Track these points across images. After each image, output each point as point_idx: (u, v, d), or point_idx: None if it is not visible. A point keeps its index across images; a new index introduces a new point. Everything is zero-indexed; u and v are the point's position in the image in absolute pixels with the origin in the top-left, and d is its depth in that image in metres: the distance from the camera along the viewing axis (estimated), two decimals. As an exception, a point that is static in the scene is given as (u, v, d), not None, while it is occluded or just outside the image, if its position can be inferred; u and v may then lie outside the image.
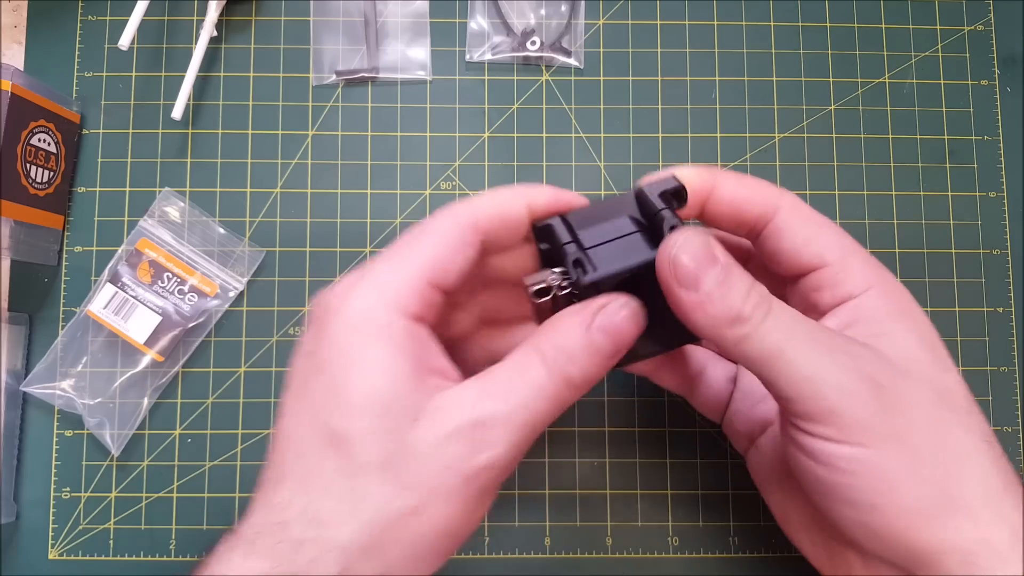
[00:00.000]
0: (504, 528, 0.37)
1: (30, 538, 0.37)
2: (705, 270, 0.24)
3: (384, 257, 0.24)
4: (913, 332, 0.25)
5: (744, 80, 0.40)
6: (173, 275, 0.37)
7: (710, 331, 0.24)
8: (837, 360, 0.23)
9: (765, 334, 0.23)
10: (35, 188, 0.36)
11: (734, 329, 0.24)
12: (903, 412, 0.23)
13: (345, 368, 0.23)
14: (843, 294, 0.26)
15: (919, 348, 0.25)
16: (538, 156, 0.39)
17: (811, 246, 0.27)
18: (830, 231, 0.27)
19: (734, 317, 0.24)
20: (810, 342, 0.24)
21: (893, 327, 0.25)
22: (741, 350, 0.24)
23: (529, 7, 0.40)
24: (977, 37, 0.41)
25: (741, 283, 0.24)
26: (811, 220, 0.28)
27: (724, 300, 0.24)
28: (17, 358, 0.37)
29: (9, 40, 0.40)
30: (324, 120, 0.39)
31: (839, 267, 0.26)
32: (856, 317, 0.26)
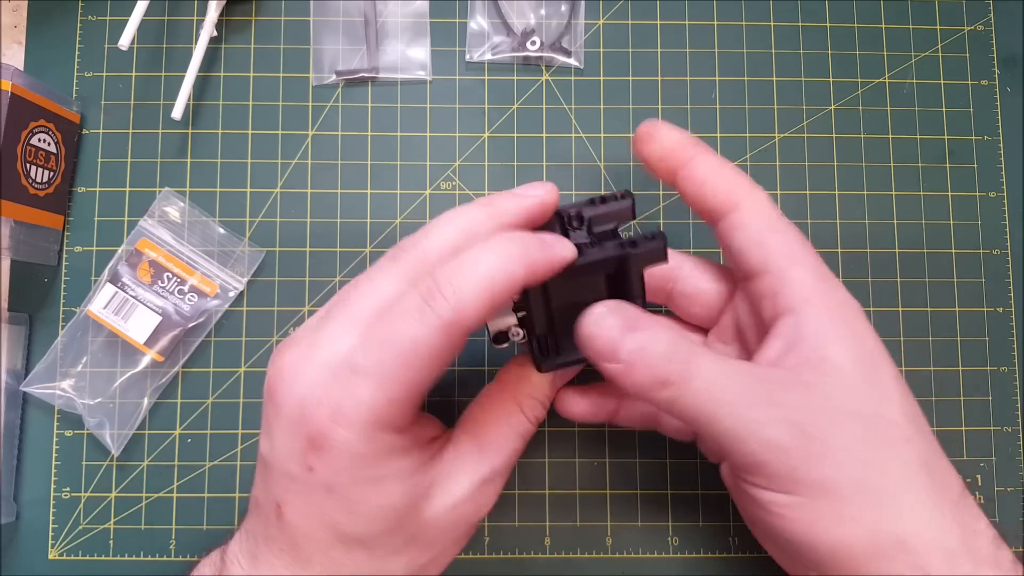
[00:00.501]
0: (504, 528, 0.37)
1: (30, 538, 0.37)
2: (620, 341, 0.25)
3: (362, 345, 0.24)
4: (851, 356, 0.25)
5: (744, 80, 0.40)
6: (173, 275, 0.37)
7: (640, 395, 0.25)
8: (763, 414, 0.24)
9: (691, 396, 0.24)
10: (35, 188, 0.36)
11: (661, 392, 0.25)
12: (830, 458, 0.24)
13: (354, 486, 0.24)
14: (782, 306, 0.26)
15: (856, 376, 0.25)
16: (538, 156, 0.39)
17: (758, 249, 0.27)
18: (782, 239, 0.27)
19: (658, 382, 0.25)
20: (736, 399, 0.24)
21: (832, 350, 0.25)
22: (672, 410, 0.25)
23: (529, 7, 0.40)
24: (977, 37, 0.41)
25: (659, 348, 0.25)
26: (766, 224, 0.27)
27: (645, 367, 0.25)
28: (17, 358, 0.37)
29: (9, 40, 0.40)
30: (324, 120, 0.39)
31: (779, 277, 0.26)
32: (796, 337, 0.26)
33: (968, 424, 0.38)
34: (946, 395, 0.38)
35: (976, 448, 0.38)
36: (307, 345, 0.25)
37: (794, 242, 0.27)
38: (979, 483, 0.38)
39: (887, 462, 0.24)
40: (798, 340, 0.26)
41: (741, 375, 0.25)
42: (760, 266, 0.27)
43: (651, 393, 0.25)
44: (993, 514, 0.38)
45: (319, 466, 0.23)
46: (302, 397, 0.24)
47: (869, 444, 0.24)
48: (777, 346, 0.26)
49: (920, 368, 0.39)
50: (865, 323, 0.26)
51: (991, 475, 0.38)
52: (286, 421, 0.24)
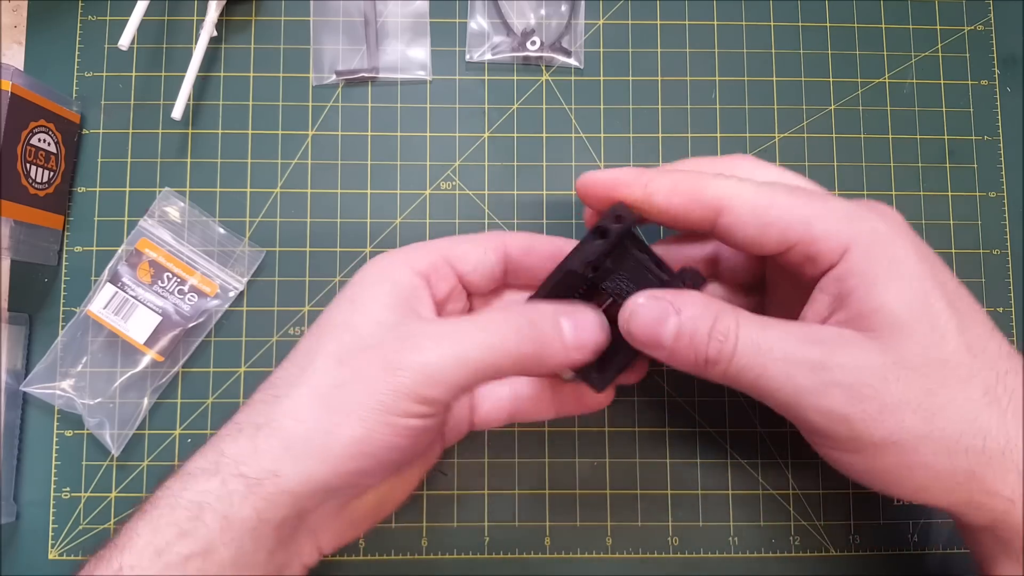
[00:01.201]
0: (504, 528, 0.37)
1: (30, 538, 0.37)
2: (658, 328, 0.26)
3: (427, 240, 0.31)
4: (902, 299, 0.24)
5: (744, 80, 0.40)
6: (173, 275, 0.37)
7: (693, 372, 0.26)
8: (815, 381, 0.24)
9: (739, 371, 0.25)
10: (35, 188, 0.36)
11: (710, 369, 0.26)
12: (889, 417, 0.24)
13: (350, 287, 0.29)
14: (824, 264, 0.26)
15: (910, 322, 0.24)
16: (538, 156, 0.39)
17: (767, 235, 0.26)
18: (781, 210, 0.26)
19: (704, 361, 0.26)
20: (786, 369, 0.25)
21: (883, 300, 0.24)
22: (728, 384, 0.26)
23: (529, 7, 0.40)
24: (977, 37, 0.41)
25: (699, 326, 0.26)
26: (757, 207, 0.26)
27: (689, 350, 0.26)
28: (17, 358, 0.37)
29: (9, 40, 0.40)
30: (324, 120, 0.39)
31: (807, 243, 0.26)
32: (842, 292, 0.25)
33: (968, 424, 0.38)
34: (946, 395, 0.38)
35: (976, 448, 0.38)
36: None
37: (794, 203, 0.26)
38: (979, 483, 0.38)
39: (951, 407, 0.24)
40: (847, 296, 0.25)
41: (791, 342, 0.25)
42: (782, 244, 0.26)
43: (698, 371, 0.26)
44: (993, 514, 0.38)
45: (347, 284, 0.30)
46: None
47: (931, 394, 0.24)
48: (825, 302, 0.26)
49: (920, 368, 0.39)
50: (910, 249, 0.25)
51: (991, 475, 0.38)
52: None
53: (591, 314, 0.28)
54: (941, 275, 0.26)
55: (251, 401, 0.28)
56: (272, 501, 0.25)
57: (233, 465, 0.25)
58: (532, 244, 0.31)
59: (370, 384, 0.26)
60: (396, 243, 0.39)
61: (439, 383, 0.26)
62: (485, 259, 0.30)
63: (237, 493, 0.25)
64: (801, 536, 0.37)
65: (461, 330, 0.27)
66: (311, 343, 0.28)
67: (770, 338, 0.25)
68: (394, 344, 0.26)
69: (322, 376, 0.26)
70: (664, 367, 0.38)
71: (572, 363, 0.28)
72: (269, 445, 0.25)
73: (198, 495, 0.25)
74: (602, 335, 0.28)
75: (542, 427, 0.38)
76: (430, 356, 0.26)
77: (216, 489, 0.25)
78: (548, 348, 0.27)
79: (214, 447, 0.26)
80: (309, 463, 0.25)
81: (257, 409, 0.27)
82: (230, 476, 0.25)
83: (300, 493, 0.25)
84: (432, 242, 0.31)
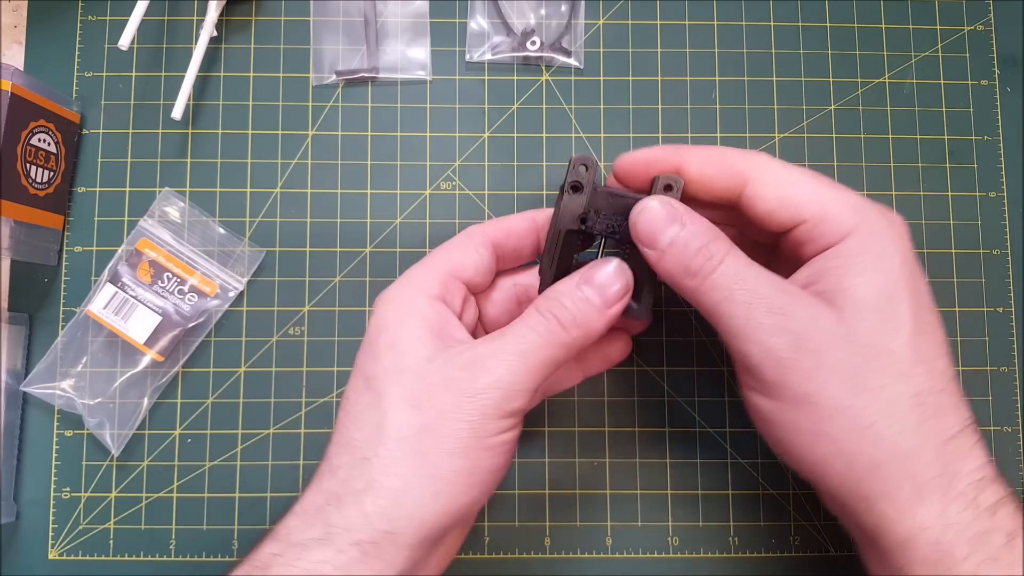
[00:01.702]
0: (504, 528, 0.37)
1: (30, 538, 0.37)
2: (661, 230, 0.28)
3: (418, 262, 0.31)
4: (871, 288, 0.26)
5: (744, 80, 0.40)
6: (173, 275, 0.37)
7: (670, 281, 0.28)
8: (770, 321, 0.26)
9: (709, 289, 0.27)
10: (35, 188, 0.36)
11: (687, 281, 0.27)
12: (820, 377, 0.25)
13: (379, 332, 0.28)
14: (823, 245, 0.27)
15: (870, 307, 0.26)
16: (538, 156, 0.39)
17: (784, 208, 0.28)
18: (802, 188, 0.28)
19: (685, 271, 0.27)
20: (751, 300, 0.26)
21: (853, 282, 0.26)
22: (694, 300, 0.28)
23: (529, 7, 0.40)
24: (977, 37, 0.41)
25: (695, 240, 0.27)
26: (782, 183, 0.28)
27: (677, 256, 0.27)
28: (17, 358, 0.37)
29: (9, 40, 0.40)
30: (324, 120, 0.39)
31: (816, 221, 0.27)
32: (824, 269, 0.27)
33: (968, 424, 0.38)
34: (946, 395, 0.38)
35: (976, 448, 0.38)
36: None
37: (814, 186, 0.28)
38: (979, 483, 0.38)
39: (877, 392, 0.25)
40: (826, 272, 0.27)
41: (763, 283, 0.26)
42: (793, 220, 0.28)
43: (679, 280, 0.28)
44: (993, 514, 0.38)
45: (368, 328, 0.30)
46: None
47: (863, 373, 0.25)
48: (805, 274, 0.27)
49: (920, 368, 0.39)
50: (901, 253, 0.27)
51: (991, 475, 0.38)
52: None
53: (604, 267, 0.29)
54: (917, 285, 0.27)
55: (333, 466, 0.27)
56: (390, 562, 0.25)
57: (346, 534, 0.25)
58: (508, 227, 0.32)
59: (457, 417, 0.26)
60: (396, 243, 0.39)
61: (517, 393, 0.27)
62: (480, 260, 0.31)
63: (355, 561, 0.25)
64: (801, 536, 0.37)
65: (514, 339, 0.27)
66: (370, 397, 0.27)
67: (749, 273, 0.27)
68: (460, 374, 0.27)
69: (403, 426, 0.26)
70: (664, 367, 0.38)
71: (615, 319, 0.29)
72: (378, 507, 0.25)
73: (313, 565, 0.25)
74: (624, 279, 0.29)
75: (542, 427, 0.38)
76: (501, 372, 0.26)
77: (332, 559, 0.25)
78: (589, 321, 0.28)
79: (318, 516, 0.26)
80: (422, 512, 0.26)
81: (348, 473, 0.26)
82: (345, 545, 0.25)
83: (417, 544, 0.26)
84: (428, 262, 0.31)
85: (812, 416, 0.25)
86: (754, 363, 0.26)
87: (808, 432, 0.26)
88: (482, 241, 0.31)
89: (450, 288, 0.30)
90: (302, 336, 0.38)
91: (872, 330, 0.25)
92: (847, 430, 0.25)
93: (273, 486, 0.37)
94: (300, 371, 0.38)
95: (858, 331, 0.25)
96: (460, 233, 0.32)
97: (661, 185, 0.30)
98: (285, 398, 0.38)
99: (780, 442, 0.27)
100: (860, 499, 0.25)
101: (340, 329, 0.38)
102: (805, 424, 0.26)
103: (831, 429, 0.25)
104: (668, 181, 0.30)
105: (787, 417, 0.26)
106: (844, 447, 0.25)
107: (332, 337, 0.38)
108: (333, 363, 0.38)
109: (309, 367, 0.38)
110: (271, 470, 0.37)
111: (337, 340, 0.38)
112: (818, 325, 0.26)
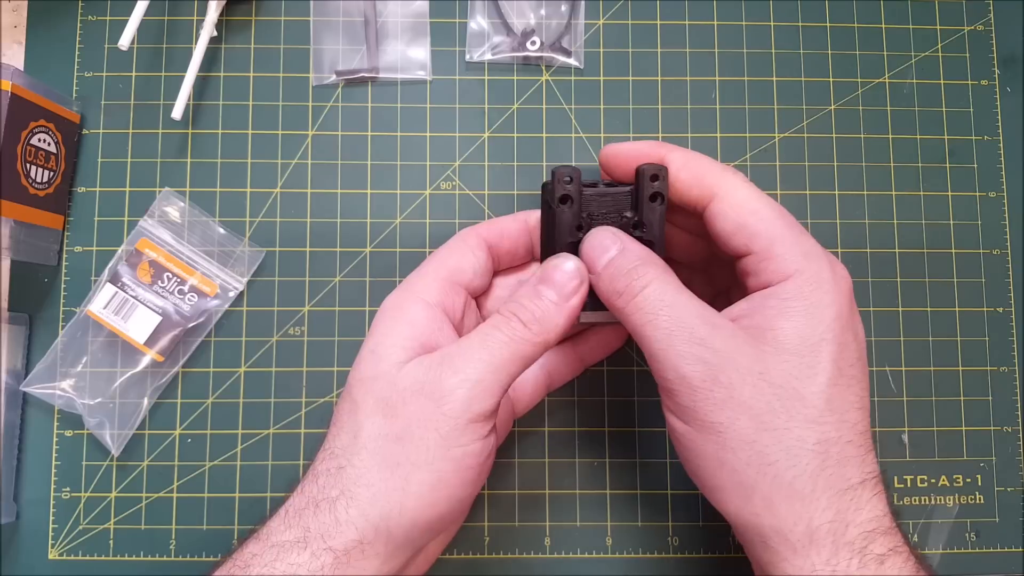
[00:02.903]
0: (504, 528, 0.37)
1: (30, 538, 0.37)
2: (598, 257, 0.29)
3: (416, 270, 0.32)
4: (797, 334, 0.27)
5: (744, 80, 0.40)
6: (173, 275, 0.37)
7: (606, 301, 0.29)
8: (688, 350, 0.27)
9: (633, 311, 0.28)
10: (35, 188, 0.36)
11: (615, 300, 0.29)
12: (729, 410, 0.26)
13: (368, 339, 0.30)
14: (764, 282, 0.28)
15: (791, 352, 0.26)
16: (538, 156, 0.39)
17: (740, 234, 0.29)
18: (760, 219, 0.29)
19: (614, 291, 0.29)
20: (672, 327, 0.27)
21: (781, 324, 0.27)
22: (623, 320, 0.29)
23: (529, 7, 0.40)
24: (977, 37, 0.41)
25: (626, 262, 0.29)
26: (743, 209, 0.29)
27: (609, 277, 0.29)
28: (17, 358, 0.37)
29: (9, 40, 0.40)
30: (324, 120, 0.39)
31: (763, 256, 0.28)
32: (759, 306, 0.28)
33: (968, 424, 0.38)
34: (946, 395, 0.38)
35: (976, 448, 0.38)
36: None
37: (772, 221, 0.28)
38: (979, 483, 0.38)
39: (782, 433, 0.26)
40: (760, 309, 0.27)
41: (688, 312, 0.27)
42: (744, 248, 0.29)
43: (610, 300, 0.29)
44: (993, 514, 0.38)
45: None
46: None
47: (772, 412, 0.26)
48: (742, 307, 0.28)
49: (920, 368, 0.39)
50: (836, 306, 0.27)
51: (991, 475, 0.38)
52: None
53: (561, 263, 0.30)
54: (845, 338, 0.27)
55: (315, 472, 0.28)
56: (362, 568, 0.26)
57: (320, 540, 0.26)
58: (501, 229, 0.33)
59: (424, 425, 0.27)
60: (396, 243, 0.39)
61: (484, 393, 0.27)
62: (477, 262, 0.32)
63: (327, 566, 0.26)
64: (801, 536, 0.37)
65: (480, 339, 0.28)
66: (350, 405, 0.28)
67: (676, 300, 0.28)
68: (429, 375, 0.27)
69: (376, 436, 0.27)
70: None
71: (574, 312, 0.29)
72: (348, 516, 0.26)
73: (290, 567, 0.26)
74: (578, 277, 0.30)
75: (542, 427, 0.38)
76: (468, 371, 0.27)
77: (307, 563, 0.26)
78: (548, 315, 0.29)
79: (297, 519, 0.27)
80: (388, 524, 0.26)
81: (326, 481, 0.27)
82: (320, 550, 0.26)
83: (387, 554, 0.27)
84: (426, 269, 0.31)
85: (718, 444, 0.26)
86: (669, 387, 0.27)
87: (713, 459, 0.26)
88: (477, 243, 0.32)
89: (449, 294, 0.31)
90: (302, 336, 0.38)
91: (789, 373, 0.26)
92: (748, 464, 0.26)
93: (273, 486, 0.37)
94: (300, 371, 0.38)
95: (775, 372, 0.26)
96: (453, 237, 0.33)
97: (647, 175, 0.30)
98: (285, 398, 0.38)
99: (688, 463, 0.28)
100: (755, 533, 0.26)
101: (340, 329, 0.38)
102: (711, 451, 0.26)
103: (734, 460, 0.26)
104: (654, 171, 0.30)
105: (696, 442, 0.27)
106: (744, 479, 0.26)
107: (332, 337, 0.38)
108: (333, 363, 0.38)
109: (309, 367, 0.38)
110: (271, 470, 0.37)
111: (337, 340, 0.38)
112: (735, 360, 0.26)
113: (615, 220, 0.31)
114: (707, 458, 0.27)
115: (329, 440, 0.29)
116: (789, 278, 0.27)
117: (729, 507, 0.27)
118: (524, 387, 0.35)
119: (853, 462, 0.26)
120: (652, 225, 0.31)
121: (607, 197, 0.31)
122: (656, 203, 0.31)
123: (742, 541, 0.29)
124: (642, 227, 0.31)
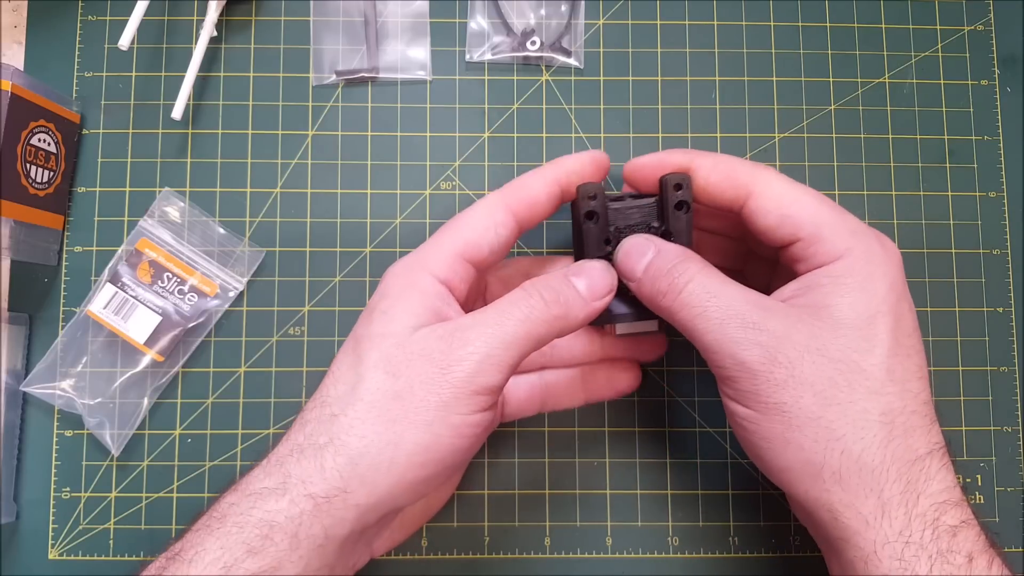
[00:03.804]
0: (504, 528, 0.37)
1: (30, 538, 0.37)
2: (635, 264, 0.30)
3: (431, 238, 0.31)
4: (853, 308, 0.27)
5: (744, 80, 0.40)
6: (173, 275, 0.37)
7: (650, 305, 0.30)
8: (743, 335, 0.27)
9: (680, 307, 0.28)
10: (35, 188, 0.36)
11: (660, 301, 0.29)
12: (791, 388, 0.26)
13: (380, 300, 0.29)
14: (816, 264, 0.28)
15: (848, 325, 0.26)
16: (538, 156, 0.39)
17: (784, 225, 0.29)
18: (803, 207, 0.29)
19: (657, 292, 0.29)
20: (723, 316, 0.27)
21: (836, 301, 0.27)
22: (671, 319, 0.29)
23: (529, 7, 0.40)
24: (977, 37, 0.41)
25: (665, 262, 0.29)
26: (784, 200, 0.29)
27: (651, 280, 0.29)
28: (17, 358, 0.37)
29: (9, 40, 0.40)
30: (324, 120, 0.39)
31: (811, 241, 0.28)
32: (811, 284, 0.28)
33: (968, 424, 0.38)
34: (946, 395, 0.38)
35: (976, 448, 0.38)
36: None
37: (814, 206, 0.29)
38: (979, 483, 0.38)
39: (846, 407, 0.26)
40: (813, 287, 0.28)
41: (737, 299, 0.27)
42: (791, 237, 0.29)
43: (655, 302, 0.29)
44: (993, 514, 0.38)
45: (374, 295, 0.31)
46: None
47: (835, 387, 0.26)
48: (792, 288, 0.28)
49: (920, 368, 0.39)
50: (888, 279, 0.27)
51: (991, 475, 0.38)
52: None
53: (597, 265, 0.30)
54: (901, 310, 0.27)
55: (303, 420, 0.28)
56: (340, 518, 0.26)
57: (301, 485, 0.26)
58: (531, 201, 0.31)
59: (427, 389, 0.26)
60: (396, 243, 0.39)
61: (492, 367, 0.27)
62: (497, 239, 0.30)
63: (307, 513, 0.26)
64: (801, 536, 0.37)
65: (495, 314, 0.28)
66: (352, 358, 0.28)
67: (723, 290, 0.28)
68: (439, 345, 0.27)
69: (376, 389, 0.27)
70: (664, 367, 0.38)
71: (595, 312, 0.29)
72: (335, 463, 0.26)
73: (267, 514, 0.26)
74: (610, 279, 0.30)
75: (542, 427, 0.38)
76: (478, 345, 0.27)
77: (286, 509, 0.26)
78: (571, 305, 0.29)
79: (278, 467, 0.27)
80: (377, 477, 0.26)
81: (315, 428, 0.27)
82: (299, 496, 0.26)
83: (367, 507, 0.26)
84: (442, 239, 0.30)
85: (783, 424, 0.26)
86: (728, 375, 0.27)
87: (778, 439, 0.26)
88: (503, 220, 0.31)
89: (458, 272, 0.30)
90: (302, 336, 0.38)
91: (847, 347, 0.26)
92: (815, 440, 0.26)
93: (273, 486, 0.37)
94: (300, 371, 0.38)
95: (833, 346, 0.26)
96: (480, 205, 0.31)
97: (671, 184, 0.30)
98: (285, 398, 0.38)
99: (753, 447, 0.28)
100: (825, 509, 0.26)
101: (340, 329, 0.38)
102: (776, 432, 0.26)
103: (800, 438, 0.26)
104: (677, 180, 0.31)
105: (760, 424, 0.27)
106: (812, 456, 0.26)
107: (332, 337, 0.38)
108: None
109: (309, 367, 0.38)
110: (271, 470, 0.37)
111: (337, 340, 0.38)
112: (791, 338, 0.26)
113: (643, 231, 0.31)
114: (773, 439, 0.27)
115: (322, 389, 0.28)
116: (839, 258, 0.27)
117: (798, 487, 0.26)
118: (517, 391, 0.34)
119: (919, 432, 0.26)
120: (680, 234, 0.31)
121: (633, 209, 0.31)
122: (682, 212, 0.31)
123: (807, 523, 0.29)
124: (670, 236, 0.31)
